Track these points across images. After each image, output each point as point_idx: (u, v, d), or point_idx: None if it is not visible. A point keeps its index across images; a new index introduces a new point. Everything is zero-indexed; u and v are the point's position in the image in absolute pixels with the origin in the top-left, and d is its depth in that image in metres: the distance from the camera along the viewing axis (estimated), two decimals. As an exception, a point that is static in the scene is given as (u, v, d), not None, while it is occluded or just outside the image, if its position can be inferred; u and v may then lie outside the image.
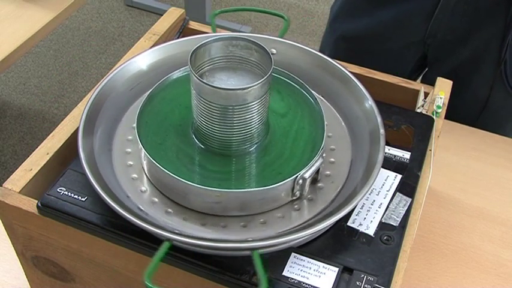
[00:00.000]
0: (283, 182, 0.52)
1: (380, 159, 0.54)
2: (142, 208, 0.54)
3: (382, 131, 0.57)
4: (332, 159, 0.59)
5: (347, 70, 0.63)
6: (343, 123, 0.62)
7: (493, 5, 0.86)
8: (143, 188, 0.56)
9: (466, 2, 0.87)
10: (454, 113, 0.85)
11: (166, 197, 0.55)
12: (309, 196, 0.56)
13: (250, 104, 0.53)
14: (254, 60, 0.56)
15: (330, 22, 1.06)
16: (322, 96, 0.64)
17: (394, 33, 0.96)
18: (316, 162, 0.54)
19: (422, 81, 1.06)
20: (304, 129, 0.59)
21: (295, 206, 0.55)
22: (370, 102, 0.60)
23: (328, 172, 0.58)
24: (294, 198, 0.55)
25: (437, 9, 0.89)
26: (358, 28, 1.00)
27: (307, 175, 0.54)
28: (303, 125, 0.60)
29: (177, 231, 0.51)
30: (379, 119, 0.58)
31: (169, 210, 0.54)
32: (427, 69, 1.03)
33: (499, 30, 0.88)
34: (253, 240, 0.50)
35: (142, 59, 0.65)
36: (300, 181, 0.54)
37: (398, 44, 0.98)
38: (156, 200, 0.55)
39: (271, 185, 0.52)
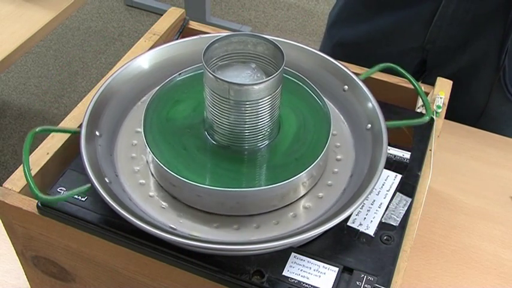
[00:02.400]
0: (290, 180, 0.52)
1: (381, 166, 0.54)
2: (153, 215, 0.54)
3: (385, 133, 0.57)
4: (338, 160, 0.59)
5: (349, 70, 0.63)
6: (345, 123, 0.62)
7: (492, 11, 0.86)
8: (152, 193, 0.56)
9: (465, 9, 0.86)
10: (453, 117, 0.85)
11: (179, 201, 0.55)
12: (308, 203, 0.56)
13: (263, 99, 0.53)
14: (266, 56, 0.56)
15: (327, 28, 1.06)
16: (324, 96, 0.64)
17: (393, 40, 0.96)
18: (320, 161, 0.54)
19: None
20: (311, 128, 0.59)
21: (291, 214, 0.55)
22: (373, 103, 0.60)
23: (332, 175, 0.58)
24: (299, 197, 0.55)
25: (436, 16, 0.89)
26: (356, 35, 0.99)
27: (314, 173, 0.53)
28: (310, 124, 0.59)
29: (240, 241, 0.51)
30: (382, 120, 0.58)
31: (181, 214, 0.54)
32: (426, 73, 1.03)
33: (498, 37, 0.88)
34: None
35: (145, 59, 0.65)
36: (307, 179, 0.54)
37: (397, 50, 0.97)
38: (166, 205, 0.55)
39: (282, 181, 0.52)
